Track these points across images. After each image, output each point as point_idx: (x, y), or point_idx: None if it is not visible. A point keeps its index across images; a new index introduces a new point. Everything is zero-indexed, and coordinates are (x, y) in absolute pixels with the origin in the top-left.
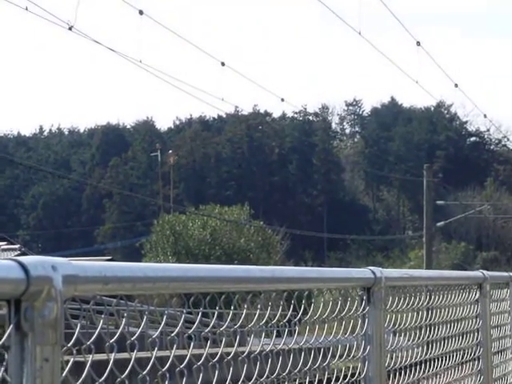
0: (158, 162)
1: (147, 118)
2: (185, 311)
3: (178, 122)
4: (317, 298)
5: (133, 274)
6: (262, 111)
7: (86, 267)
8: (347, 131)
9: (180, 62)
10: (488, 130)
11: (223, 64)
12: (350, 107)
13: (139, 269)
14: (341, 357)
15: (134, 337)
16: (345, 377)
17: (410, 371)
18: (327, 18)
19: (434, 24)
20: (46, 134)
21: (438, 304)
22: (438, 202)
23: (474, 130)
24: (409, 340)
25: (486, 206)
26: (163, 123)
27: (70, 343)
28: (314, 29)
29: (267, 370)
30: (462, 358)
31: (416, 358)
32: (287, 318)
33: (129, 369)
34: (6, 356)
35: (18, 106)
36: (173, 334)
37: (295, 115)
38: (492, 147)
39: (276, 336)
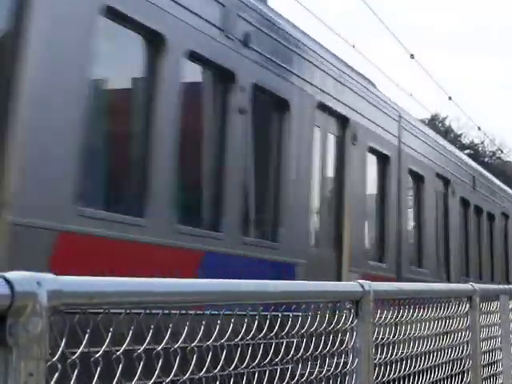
0: None
1: None
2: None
3: None
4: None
5: (118, 288)
6: None
7: (71, 282)
8: None
9: None
10: (482, 143)
11: None
12: None
13: (124, 283)
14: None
15: (119, 352)
16: None
17: None
18: (321, 31)
19: (428, 38)
20: None
21: (428, 317)
22: None
23: (468, 142)
24: (398, 353)
25: None
26: None
27: (55, 358)
28: None
29: (254, 383)
30: (451, 370)
31: (404, 370)
32: (274, 332)
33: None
34: None
35: None
36: (158, 348)
37: None
38: (486, 159)
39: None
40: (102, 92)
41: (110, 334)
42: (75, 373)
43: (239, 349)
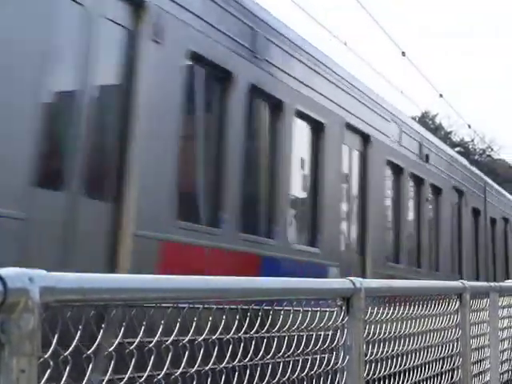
0: None
1: None
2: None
3: None
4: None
5: (110, 285)
6: None
7: (63, 279)
8: None
9: None
10: (472, 141)
11: None
12: None
13: (117, 280)
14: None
15: (112, 348)
16: None
17: (389, 381)
18: (313, 28)
19: (424, 37)
20: None
21: (418, 314)
22: None
23: (459, 140)
24: (388, 350)
25: None
26: None
27: (47, 354)
28: None
29: (245, 381)
30: (442, 368)
31: (395, 368)
32: (266, 329)
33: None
34: None
35: None
36: (150, 345)
37: None
38: (476, 157)
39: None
40: None
41: (101, 331)
42: (67, 369)
43: (231, 345)
